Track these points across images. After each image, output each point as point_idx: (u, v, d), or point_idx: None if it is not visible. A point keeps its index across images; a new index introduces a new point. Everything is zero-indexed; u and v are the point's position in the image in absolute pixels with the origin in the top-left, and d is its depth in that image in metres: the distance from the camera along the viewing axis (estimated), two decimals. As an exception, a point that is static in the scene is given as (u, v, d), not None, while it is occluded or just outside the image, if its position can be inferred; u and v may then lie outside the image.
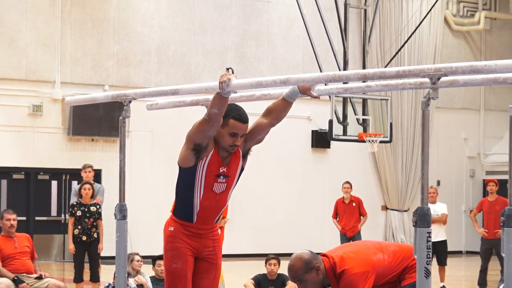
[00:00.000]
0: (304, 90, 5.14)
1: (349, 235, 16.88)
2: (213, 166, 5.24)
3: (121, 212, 5.87)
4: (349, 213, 17.20)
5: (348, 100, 19.67)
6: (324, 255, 5.47)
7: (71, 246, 14.09)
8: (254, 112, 5.46)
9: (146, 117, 14.74)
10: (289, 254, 6.08)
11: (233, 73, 18.58)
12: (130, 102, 6.14)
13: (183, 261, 5.28)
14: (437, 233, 14.27)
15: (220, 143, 5.21)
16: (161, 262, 9.50)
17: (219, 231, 5.72)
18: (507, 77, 4.91)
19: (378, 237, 22.64)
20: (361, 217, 17.41)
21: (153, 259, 11.59)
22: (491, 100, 25.71)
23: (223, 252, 7.00)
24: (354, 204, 17.31)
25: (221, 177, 5.28)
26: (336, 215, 17.28)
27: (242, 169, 5.40)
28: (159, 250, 7.75)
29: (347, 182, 17.49)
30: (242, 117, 5.08)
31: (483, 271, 15.26)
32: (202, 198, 5.29)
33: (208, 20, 22.61)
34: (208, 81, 6.17)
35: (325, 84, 6.00)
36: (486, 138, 25.88)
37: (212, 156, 5.22)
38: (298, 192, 22.76)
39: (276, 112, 5.32)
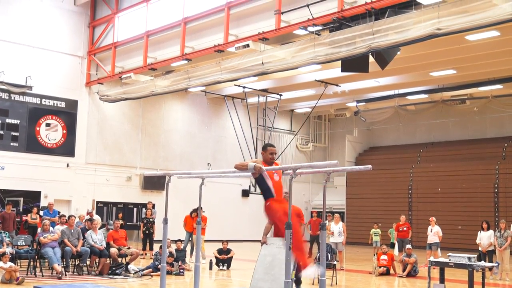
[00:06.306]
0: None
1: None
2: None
3: (165, 220, 7.94)
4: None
5: (257, 177, 26.71)
6: None
7: (141, 235, 18.62)
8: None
9: (175, 182, 12.58)
10: (231, 240, 12.76)
11: (210, 165, 25.78)
12: (170, 176, 7.99)
13: (280, 212, 6.40)
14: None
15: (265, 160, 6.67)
16: (179, 242, 14.56)
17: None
18: (321, 170, 6.53)
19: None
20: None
21: (175, 241, 14.73)
22: (314, 178, 31.86)
23: (207, 238, 15.79)
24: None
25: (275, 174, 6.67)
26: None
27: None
28: (177, 237, 14.38)
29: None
30: (272, 145, 6.81)
31: (310, 249, 16.54)
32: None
33: (201, 143, 27.94)
34: (200, 170, 10.25)
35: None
36: (312, 194, 32.60)
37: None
38: (236, 214, 28.22)
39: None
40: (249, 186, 26.08)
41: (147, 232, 18.16)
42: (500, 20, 11.67)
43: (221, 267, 15.00)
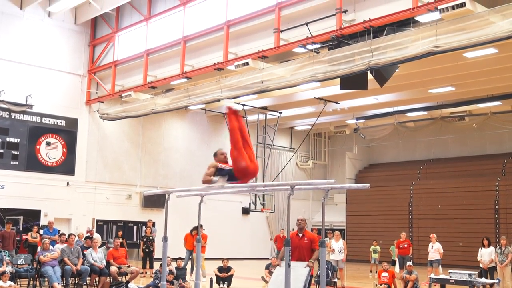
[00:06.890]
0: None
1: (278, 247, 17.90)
2: None
3: (164, 238, 8.41)
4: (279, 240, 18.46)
5: (256, 194, 25.88)
6: None
7: (141, 253, 18.80)
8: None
9: (175, 200, 12.03)
10: (232, 258, 13.00)
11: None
12: (169, 194, 8.35)
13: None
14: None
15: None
16: (180, 260, 14.61)
17: None
18: (320, 187, 6.78)
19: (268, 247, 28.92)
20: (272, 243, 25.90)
21: (175, 259, 14.77)
22: (314, 195, 32.07)
23: (207, 256, 16.37)
24: (281, 236, 18.58)
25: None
26: (275, 240, 20.31)
27: None
28: (177, 255, 14.89)
29: (281, 229, 22.64)
30: (220, 149, 7.13)
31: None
32: None
33: (201, 160, 26.18)
34: (199, 186, 7.60)
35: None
36: (312, 212, 32.45)
37: None
38: (236, 232, 28.50)
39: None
40: (249, 204, 25.94)
41: (147, 250, 18.13)
42: (497, 37, 11.75)
43: (221, 285, 14.97)
